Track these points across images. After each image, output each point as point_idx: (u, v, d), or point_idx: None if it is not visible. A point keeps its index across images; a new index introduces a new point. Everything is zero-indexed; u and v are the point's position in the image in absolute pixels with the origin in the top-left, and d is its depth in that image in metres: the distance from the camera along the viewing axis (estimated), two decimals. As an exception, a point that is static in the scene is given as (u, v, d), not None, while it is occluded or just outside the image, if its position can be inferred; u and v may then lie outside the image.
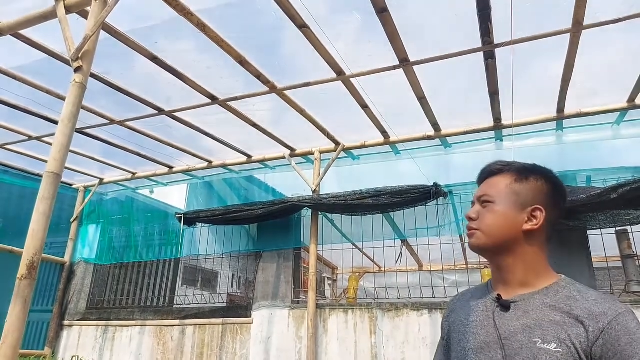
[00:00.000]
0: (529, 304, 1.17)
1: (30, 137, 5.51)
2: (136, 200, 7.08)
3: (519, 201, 1.25)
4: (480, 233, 1.26)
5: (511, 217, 1.24)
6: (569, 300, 1.13)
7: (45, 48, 3.77)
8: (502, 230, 1.24)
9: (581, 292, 1.15)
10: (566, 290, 1.17)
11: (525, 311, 1.16)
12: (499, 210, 1.26)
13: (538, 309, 1.15)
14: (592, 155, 4.83)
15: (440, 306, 4.58)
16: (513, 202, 1.25)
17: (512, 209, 1.25)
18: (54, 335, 6.45)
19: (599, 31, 3.42)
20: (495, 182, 1.31)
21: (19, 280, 2.29)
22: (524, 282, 1.22)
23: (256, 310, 5.46)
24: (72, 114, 2.61)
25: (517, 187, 1.27)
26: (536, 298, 1.17)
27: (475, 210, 1.30)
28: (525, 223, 1.23)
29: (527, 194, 1.25)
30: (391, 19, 3.24)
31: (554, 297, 1.16)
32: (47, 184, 2.45)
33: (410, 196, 4.81)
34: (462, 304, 1.38)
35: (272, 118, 5.04)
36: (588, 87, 4.25)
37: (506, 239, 1.24)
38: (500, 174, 1.31)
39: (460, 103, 4.66)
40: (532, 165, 1.32)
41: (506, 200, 1.26)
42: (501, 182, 1.29)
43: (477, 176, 1.39)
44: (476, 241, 1.27)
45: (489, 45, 3.56)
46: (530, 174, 1.28)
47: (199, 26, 3.36)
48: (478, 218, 1.28)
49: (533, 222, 1.23)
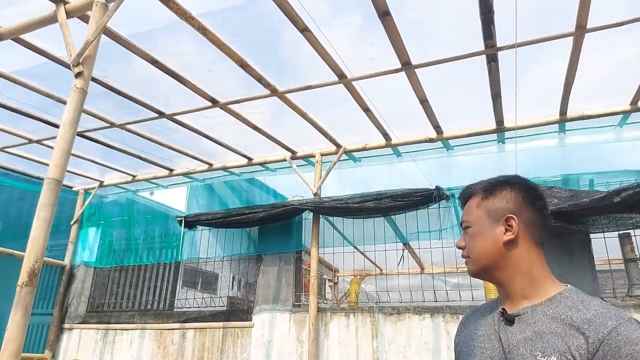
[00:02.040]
0: (532, 316, 1.17)
1: (31, 141, 5.49)
2: (136, 202, 7.06)
3: (492, 216, 1.27)
4: (471, 260, 1.29)
5: (489, 236, 1.26)
6: (570, 311, 1.12)
7: (46, 52, 3.75)
8: (485, 250, 1.26)
9: (584, 302, 1.13)
10: (569, 300, 1.15)
11: (528, 324, 1.16)
12: (476, 232, 1.29)
13: (540, 321, 1.14)
14: (595, 157, 4.80)
15: (442, 310, 4.55)
16: (486, 220, 1.28)
17: (488, 227, 1.27)
18: (54, 339, 6.43)
19: (601, 34, 3.40)
20: (468, 206, 1.35)
21: (19, 287, 2.26)
22: (525, 294, 1.21)
23: (257, 313, 5.44)
24: (73, 120, 2.59)
25: (486, 204, 1.30)
26: (539, 310, 1.17)
27: (462, 237, 1.34)
28: (504, 235, 1.24)
29: (496, 207, 1.28)
30: (393, 22, 3.22)
31: (556, 307, 1.14)
32: (48, 191, 2.43)
33: (412, 199, 4.79)
34: (472, 320, 1.38)
35: (273, 120, 5.02)
36: (591, 90, 4.23)
37: (492, 257, 1.25)
38: (472, 197, 1.35)
39: (462, 105, 4.64)
40: (497, 178, 1.34)
41: (479, 220, 1.29)
42: (472, 205, 1.33)
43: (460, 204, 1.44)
44: (470, 268, 1.31)
45: (492, 49, 3.54)
46: (494, 188, 1.31)
47: (200, 30, 3.34)
48: (466, 245, 1.32)
49: (510, 232, 1.23)
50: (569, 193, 4.11)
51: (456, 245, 1.35)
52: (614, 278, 4.66)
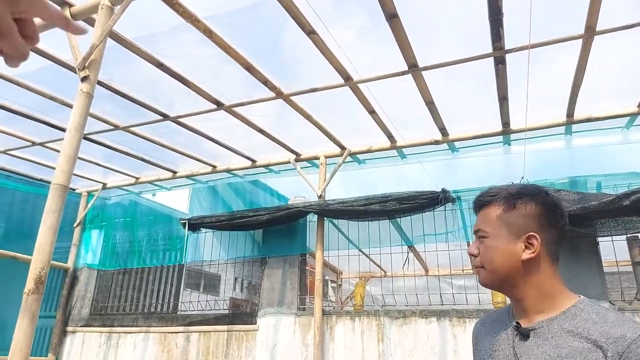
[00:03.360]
0: (547, 330, 1.15)
1: (34, 143, 5.47)
2: (139, 204, 7.02)
3: (512, 231, 1.22)
4: (485, 271, 1.25)
5: (508, 250, 1.21)
6: (587, 324, 1.10)
7: (50, 55, 3.73)
8: (502, 265, 1.22)
9: (599, 314, 1.11)
10: (584, 312, 1.13)
11: (544, 338, 1.14)
12: (495, 246, 1.23)
13: (557, 335, 1.12)
14: (602, 160, 4.77)
15: (448, 314, 4.52)
16: (506, 233, 1.22)
17: (507, 241, 1.22)
18: (57, 342, 6.40)
19: (609, 36, 3.37)
20: (486, 215, 1.28)
21: (26, 295, 2.24)
22: (540, 308, 1.19)
23: (262, 317, 5.41)
24: (80, 124, 2.57)
25: (507, 217, 1.23)
26: (554, 324, 1.15)
27: (475, 245, 1.29)
28: (523, 252, 1.19)
29: (518, 222, 1.22)
30: (401, 24, 3.19)
31: (572, 321, 1.13)
32: (55, 196, 2.41)
33: (418, 202, 4.76)
34: (486, 330, 1.36)
35: (277, 122, 4.99)
36: (598, 91, 4.20)
37: (509, 272, 1.21)
38: (490, 204, 1.28)
39: (468, 107, 4.61)
40: (520, 189, 1.27)
41: (499, 233, 1.23)
42: (492, 214, 1.26)
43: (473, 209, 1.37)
44: (483, 280, 1.27)
45: (500, 51, 3.51)
46: (517, 200, 1.24)
47: (206, 32, 3.32)
48: (479, 254, 1.27)
49: (530, 250, 1.19)
50: (577, 196, 4.08)
51: (468, 252, 1.30)
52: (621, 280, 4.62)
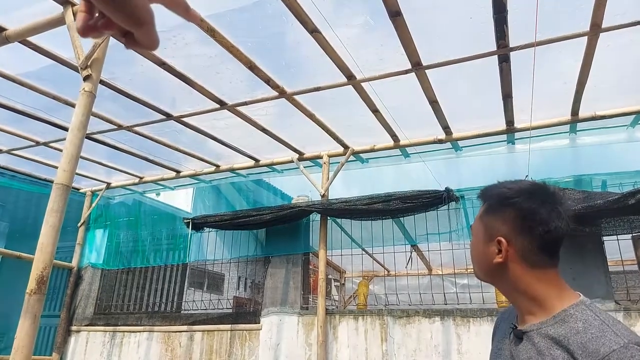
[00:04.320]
0: (536, 335, 1.12)
1: (38, 143, 5.48)
2: (143, 204, 7.03)
3: (487, 233, 1.20)
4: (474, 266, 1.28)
5: (483, 251, 1.21)
6: (569, 333, 1.06)
7: (53, 54, 3.73)
8: (480, 264, 1.24)
9: (586, 322, 1.06)
10: (572, 320, 1.08)
11: (532, 344, 1.12)
12: (473, 244, 1.26)
13: (542, 342, 1.09)
14: (607, 158, 4.73)
15: (452, 313, 4.50)
16: (482, 234, 1.22)
17: (483, 241, 1.22)
18: (61, 341, 6.42)
19: (615, 33, 3.34)
20: (478, 213, 1.29)
21: (28, 295, 2.24)
22: (531, 311, 1.15)
23: (265, 316, 5.40)
24: (82, 124, 2.57)
25: (486, 217, 1.23)
26: (543, 329, 1.11)
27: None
28: (496, 255, 1.17)
29: (493, 225, 1.20)
30: (404, 22, 3.17)
31: (559, 328, 1.08)
32: (57, 196, 2.40)
33: (422, 201, 4.74)
34: (501, 326, 1.35)
35: (280, 122, 4.98)
36: (602, 90, 4.17)
37: (487, 272, 1.22)
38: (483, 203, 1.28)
39: (472, 106, 4.58)
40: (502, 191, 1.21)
41: (478, 232, 1.24)
42: (479, 212, 1.28)
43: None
44: (475, 273, 1.29)
45: (504, 49, 3.48)
46: (498, 203, 1.21)
47: (209, 31, 3.31)
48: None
49: (500, 255, 1.16)
50: (582, 195, 4.05)
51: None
52: (627, 280, 4.59)
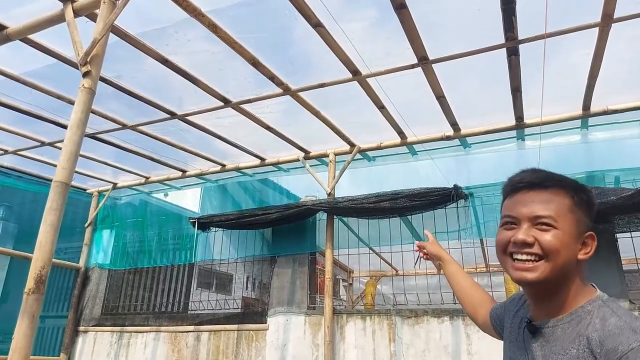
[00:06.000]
0: (552, 331, 1.11)
1: (43, 143, 5.48)
2: (150, 204, 7.02)
3: (580, 228, 1.12)
4: (545, 264, 1.08)
5: (573, 246, 1.11)
6: (587, 330, 1.04)
7: (55, 52, 3.70)
8: (565, 261, 1.10)
9: (604, 319, 1.04)
10: (589, 316, 1.07)
11: (548, 340, 1.11)
12: (564, 238, 1.09)
13: (559, 339, 1.08)
14: (620, 154, 4.61)
15: (461, 313, 4.41)
16: (575, 228, 1.11)
17: (572, 235, 1.11)
18: (69, 341, 6.42)
19: (627, 23, 3.24)
20: (551, 201, 1.11)
21: (26, 295, 2.20)
22: (551, 305, 1.14)
23: (271, 316, 5.35)
24: (81, 121, 2.52)
25: (579, 211, 1.13)
26: (559, 326, 1.10)
27: (529, 233, 1.10)
28: (580, 251, 1.12)
29: (584, 219, 1.14)
30: (410, 15, 3.10)
31: (576, 326, 1.07)
32: (56, 194, 2.36)
33: (430, 199, 4.65)
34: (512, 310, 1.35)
35: (285, 120, 4.93)
36: (614, 83, 4.06)
37: (565, 270, 1.11)
38: (553, 189, 1.13)
39: (480, 101, 4.49)
40: (577, 182, 1.17)
41: (570, 225, 1.10)
42: (560, 202, 1.12)
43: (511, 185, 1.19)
44: (539, 275, 1.09)
45: (513, 42, 3.40)
46: (585, 195, 1.15)
47: (210, 27, 3.26)
48: (534, 243, 1.09)
49: (587, 250, 1.13)
50: (594, 191, 3.93)
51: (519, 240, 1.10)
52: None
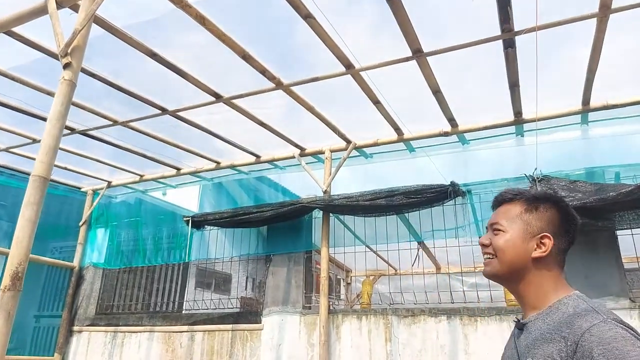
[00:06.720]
0: (533, 324, 1.23)
1: (35, 140, 5.41)
2: (145, 202, 6.93)
3: (529, 230, 1.30)
4: (495, 261, 1.32)
5: (520, 245, 1.29)
6: (562, 317, 1.16)
7: (41, 46, 3.63)
8: (513, 258, 1.29)
9: (577, 307, 1.16)
10: (564, 306, 1.19)
11: (530, 332, 1.23)
12: (509, 239, 1.31)
13: (538, 329, 1.20)
14: (621, 149, 4.51)
15: (459, 312, 4.32)
16: (522, 230, 1.30)
17: (522, 237, 1.29)
18: (63, 341, 6.35)
19: (626, 14, 3.15)
20: (506, 210, 1.36)
21: (2, 292, 2.12)
22: (535, 305, 1.27)
23: (266, 316, 5.27)
24: (61, 114, 2.45)
25: (527, 216, 1.32)
26: (539, 319, 1.22)
27: (488, 237, 1.36)
28: (534, 250, 1.27)
29: (536, 223, 1.30)
30: (402, 5, 3.02)
31: (553, 315, 1.19)
32: (33, 189, 2.29)
33: (426, 196, 4.57)
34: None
35: (280, 116, 4.85)
36: (615, 77, 3.96)
37: (516, 266, 1.29)
38: (512, 202, 1.37)
39: (478, 96, 4.41)
40: (543, 193, 1.37)
41: (517, 230, 1.31)
42: (512, 211, 1.34)
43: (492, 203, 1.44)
44: (491, 269, 1.33)
45: (509, 33, 3.31)
46: (540, 203, 1.33)
47: (198, 19, 3.18)
48: (490, 244, 1.34)
49: (541, 250, 1.27)
50: (594, 187, 3.86)
51: (479, 242, 1.38)
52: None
